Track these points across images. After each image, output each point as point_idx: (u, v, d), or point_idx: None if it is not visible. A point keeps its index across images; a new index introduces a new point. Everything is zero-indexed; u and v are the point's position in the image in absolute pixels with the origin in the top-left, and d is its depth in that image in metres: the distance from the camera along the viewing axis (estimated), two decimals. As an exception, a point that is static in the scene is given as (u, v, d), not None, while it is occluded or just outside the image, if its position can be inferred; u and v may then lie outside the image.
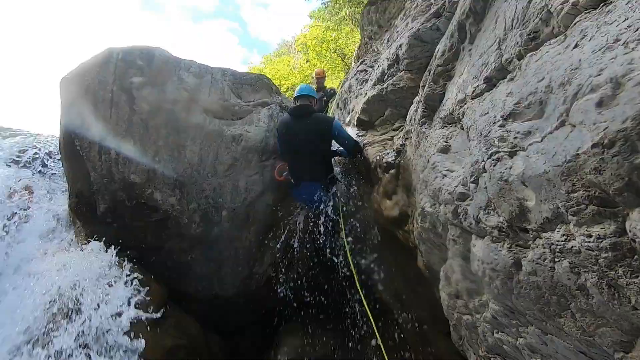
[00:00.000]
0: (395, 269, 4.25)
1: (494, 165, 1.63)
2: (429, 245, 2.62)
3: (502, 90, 1.72)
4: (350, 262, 4.39)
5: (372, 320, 4.01)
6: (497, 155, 1.61)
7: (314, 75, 9.37)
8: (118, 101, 4.37)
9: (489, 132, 1.70)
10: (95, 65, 4.44)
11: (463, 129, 2.21)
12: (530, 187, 1.42)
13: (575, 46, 1.29)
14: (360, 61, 6.77)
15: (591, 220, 1.22)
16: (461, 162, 2.13)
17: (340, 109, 6.78)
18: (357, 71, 6.31)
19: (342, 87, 7.03)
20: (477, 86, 1.98)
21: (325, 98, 8.58)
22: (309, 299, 4.76)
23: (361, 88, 5.85)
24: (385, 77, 4.76)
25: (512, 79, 1.68)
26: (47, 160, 5.84)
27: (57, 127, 4.54)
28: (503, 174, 1.56)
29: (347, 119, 5.81)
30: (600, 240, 1.19)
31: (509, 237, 1.62)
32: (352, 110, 5.67)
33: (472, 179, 1.84)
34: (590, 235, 1.22)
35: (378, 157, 4.08)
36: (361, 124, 5.12)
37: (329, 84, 12.84)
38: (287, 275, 5.09)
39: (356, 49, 10.47)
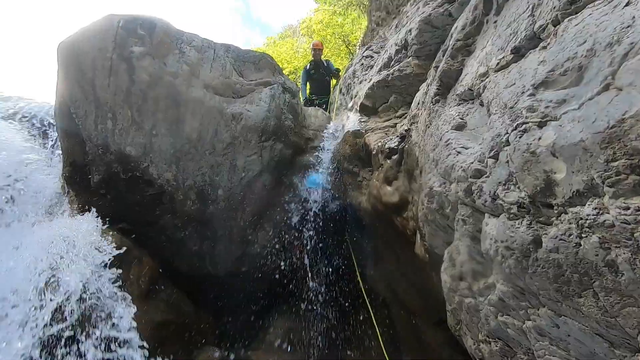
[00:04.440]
0: (389, 257, 4.20)
1: (520, 137, 1.56)
2: (433, 227, 2.56)
3: (533, 59, 1.64)
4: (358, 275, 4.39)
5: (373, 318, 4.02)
6: (524, 126, 1.54)
7: (311, 45, 8.99)
8: (117, 70, 4.22)
9: (515, 103, 1.62)
10: (95, 31, 4.28)
11: (482, 105, 2.14)
12: (562, 158, 1.35)
13: (627, 4, 1.21)
14: (366, 47, 6.66)
15: (631, 192, 1.15)
16: (477, 139, 2.06)
17: (343, 94, 6.69)
18: (363, 57, 6.21)
19: (346, 72, 6.92)
20: (503, 57, 1.91)
21: (322, 70, 8.22)
22: (301, 282, 4.71)
23: (366, 74, 5.76)
24: (392, 62, 4.67)
25: (544, 47, 1.60)
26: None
27: (52, 94, 4.39)
28: (530, 146, 1.48)
29: (350, 105, 5.72)
30: (638, 212, 1.13)
31: (530, 214, 1.55)
32: (355, 96, 5.58)
33: (491, 154, 1.77)
34: (627, 208, 1.16)
35: (380, 144, 4.01)
36: (364, 110, 5.04)
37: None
38: (280, 258, 5.03)
39: (362, 35, 10.29)
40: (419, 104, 3.63)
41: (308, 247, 4.61)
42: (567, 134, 1.34)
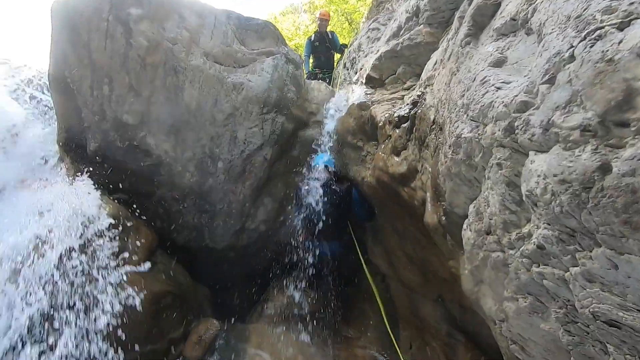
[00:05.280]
0: (390, 233, 4.10)
1: (591, 47, 1.37)
2: (457, 181, 2.42)
3: (605, -43, 1.48)
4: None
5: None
6: (597, 32, 1.38)
7: (317, 15, 8.52)
8: (114, 33, 4.04)
9: (584, 10, 1.47)
10: (90, -10, 4.09)
11: (529, 33, 1.98)
12: (653, 55, 1.19)
13: None
14: (372, 19, 6.43)
15: None
16: (522, 72, 1.92)
17: (347, 69, 6.49)
18: (369, 29, 5.99)
19: (350, 46, 6.70)
20: (561, -32, 1.74)
21: (326, 43, 7.95)
22: (300, 257, 4.62)
23: (372, 46, 5.56)
24: (402, 31, 4.47)
25: (619, -61, 1.43)
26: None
27: (46, 57, 4.22)
28: (606, 53, 1.30)
29: (355, 78, 5.54)
30: None
31: (596, 137, 1.36)
32: (361, 69, 5.39)
33: (544, 80, 1.59)
34: None
35: (388, 114, 3.86)
36: (370, 82, 4.85)
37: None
38: (280, 234, 4.94)
39: (367, 11, 9.96)
40: (436, 63, 3.45)
41: (309, 223, 4.48)
42: (662, 25, 1.16)
